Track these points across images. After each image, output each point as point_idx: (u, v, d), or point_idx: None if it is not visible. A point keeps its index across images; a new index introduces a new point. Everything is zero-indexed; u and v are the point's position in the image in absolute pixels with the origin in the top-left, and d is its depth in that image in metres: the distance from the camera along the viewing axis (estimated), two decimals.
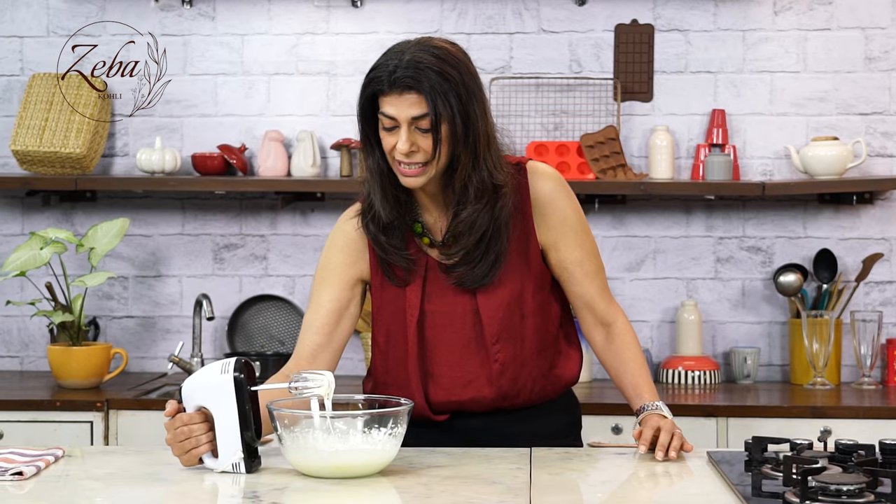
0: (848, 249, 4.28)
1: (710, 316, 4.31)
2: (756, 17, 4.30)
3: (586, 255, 2.60)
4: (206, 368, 2.34)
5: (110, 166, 4.42)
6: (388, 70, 2.41)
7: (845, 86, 4.28)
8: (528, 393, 2.58)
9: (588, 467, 2.40)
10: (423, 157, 2.42)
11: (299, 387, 2.30)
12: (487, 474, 2.27)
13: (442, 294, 2.55)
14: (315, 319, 2.59)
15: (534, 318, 2.56)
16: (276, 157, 4.28)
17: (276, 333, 4.40)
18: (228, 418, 2.29)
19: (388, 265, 2.56)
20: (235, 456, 2.29)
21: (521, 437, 2.57)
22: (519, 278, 2.54)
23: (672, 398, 3.95)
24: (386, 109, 2.42)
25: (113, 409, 3.79)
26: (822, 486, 1.99)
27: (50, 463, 2.36)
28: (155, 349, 4.42)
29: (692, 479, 2.27)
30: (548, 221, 2.56)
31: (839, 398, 3.93)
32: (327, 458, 2.22)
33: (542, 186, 2.56)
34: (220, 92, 4.41)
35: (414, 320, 2.54)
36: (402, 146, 2.41)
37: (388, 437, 2.24)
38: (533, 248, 2.55)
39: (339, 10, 4.38)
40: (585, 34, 4.33)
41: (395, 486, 2.19)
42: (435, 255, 2.56)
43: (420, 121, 2.40)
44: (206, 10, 4.40)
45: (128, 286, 4.43)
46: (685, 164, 4.31)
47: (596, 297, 2.62)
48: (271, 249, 4.41)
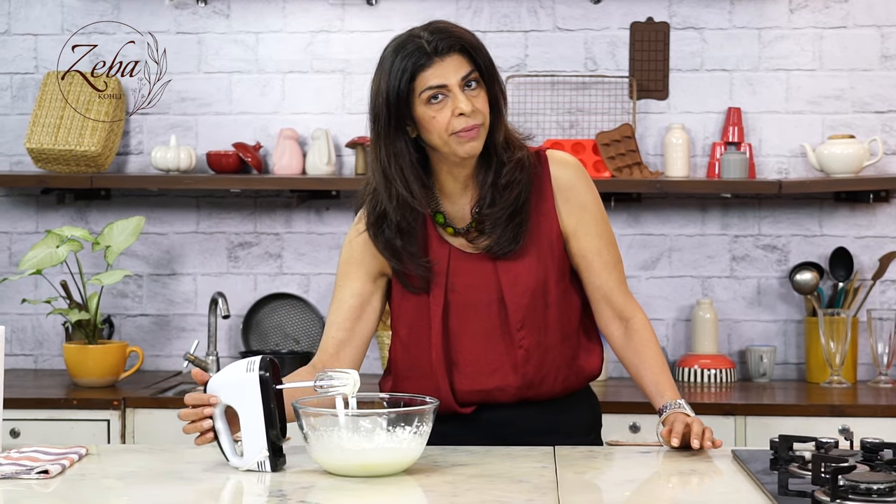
0: (864, 248, 4.28)
1: (726, 314, 4.31)
2: (772, 14, 4.29)
3: (605, 245, 2.59)
4: (231, 366, 2.33)
5: (124, 164, 4.42)
6: (421, 44, 2.42)
7: (861, 84, 4.27)
8: (552, 382, 2.56)
9: (613, 466, 2.39)
10: (480, 116, 2.43)
11: (324, 385, 2.30)
12: (513, 473, 2.26)
13: (466, 282, 2.53)
14: (337, 316, 2.59)
15: (557, 307, 2.55)
16: (291, 155, 4.27)
17: (290, 332, 4.39)
18: (254, 416, 2.28)
19: (405, 275, 2.55)
20: (261, 454, 2.28)
21: (544, 431, 2.56)
22: (543, 266, 2.53)
23: (689, 396, 3.94)
24: (433, 81, 2.41)
25: (130, 407, 3.79)
26: (852, 485, 1.98)
27: (74, 461, 2.35)
28: (169, 347, 4.42)
29: (719, 478, 2.26)
30: (569, 207, 2.55)
31: (857, 396, 3.92)
32: (354, 457, 2.21)
33: (563, 173, 2.56)
34: (234, 90, 4.40)
35: (439, 310, 2.53)
36: (465, 105, 2.41)
37: (413, 435, 2.24)
38: (555, 234, 2.54)
39: (354, 7, 4.38)
40: (601, 32, 4.33)
41: (422, 485, 2.19)
42: (458, 244, 2.55)
43: (469, 76, 2.42)
44: (221, 8, 4.40)
45: (142, 284, 4.43)
46: (701, 162, 4.31)
47: (614, 289, 2.59)
48: (286, 248, 4.41)
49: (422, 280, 2.54)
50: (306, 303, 4.37)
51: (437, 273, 2.54)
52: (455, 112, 2.41)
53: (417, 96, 2.42)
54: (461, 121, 2.42)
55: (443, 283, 2.53)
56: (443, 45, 2.41)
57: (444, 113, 2.41)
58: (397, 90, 2.42)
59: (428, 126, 2.43)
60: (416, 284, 2.55)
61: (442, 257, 2.54)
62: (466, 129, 2.42)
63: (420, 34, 2.44)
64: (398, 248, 2.52)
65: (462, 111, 2.41)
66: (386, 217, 2.51)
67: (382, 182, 2.49)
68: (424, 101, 2.42)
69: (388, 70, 2.44)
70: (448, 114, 2.41)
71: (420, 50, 2.41)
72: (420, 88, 2.41)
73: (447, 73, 2.41)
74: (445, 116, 2.41)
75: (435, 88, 2.41)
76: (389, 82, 2.43)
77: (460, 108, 2.41)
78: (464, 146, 2.44)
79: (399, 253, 2.53)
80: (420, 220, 2.53)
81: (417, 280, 2.54)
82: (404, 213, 2.50)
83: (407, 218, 2.51)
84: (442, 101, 2.41)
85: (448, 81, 2.41)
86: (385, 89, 2.44)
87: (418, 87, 2.41)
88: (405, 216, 2.50)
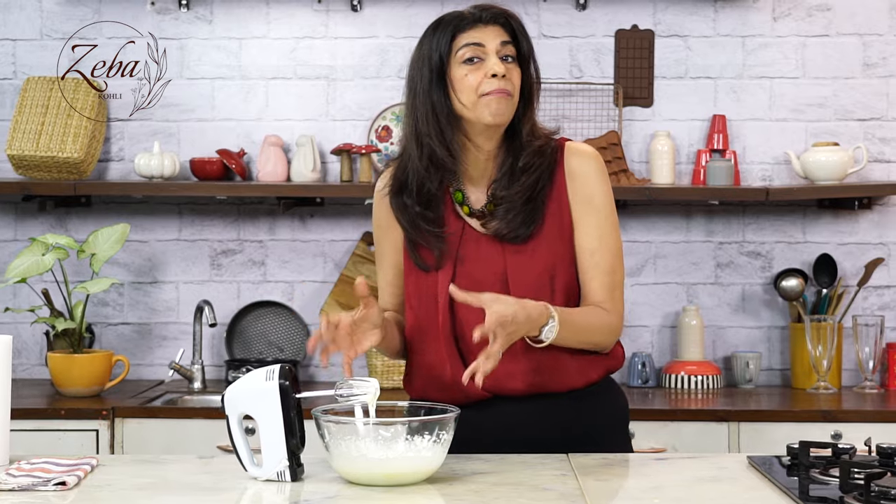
0: (847, 254, 4.31)
1: (711, 321, 4.32)
2: (755, 23, 4.32)
3: (600, 248, 2.51)
4: (249, 375, 2.31)
5: (105, 171, 4.37)
6: (464, 13, 2.50)
7: (844, 92, 4.31)
8: (565, 371, 2.50)
9: (633, 473, 2.39)
10: (510, 85, 2.47)
11: (345, 394, 2.28)
12: (535, 481, 2.25)
13: (474, 259, 2.51)
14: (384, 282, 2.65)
15: (563, 294, 2.50)
16: (276, 162, 4.24)
17: (274, 340, 4.36)
18: (274, 426, 2.25)
19: (416, 250, 2.54)
20: (281, 464, 2.26)
21: (563, 425, 2.51)
22: (552, 252, 2.50)
23: (677, 403, 3.96)
24: (472, 39, 2.47)
25: (119, 417, 3.74)
26: (884, 491, 1.99)
27: (88, 472, 2.32)
28: (151, 356, 4.37)
29: (741, 484, 2.26)
30: (576, 197, 2.53)
31: (845, 402, 3.95)
32: (377, 466, 2.19)
33: (578, 161, 2.55)
34: (217, 96, 4.37)
35: (447, 283, 2.49)
36: (498, 67, 2.44)
37: (435, 444, 2.22)
38: (567, 222, 2.52)
39: (339, 14, 4.36)
40: (586, 39, 4.33)
41: (447, 494, 2.17)
42: (472, 223, 2.54)
43: (507, 47, 2.47)
44: (204, 13, 4.36)
45: (123, 292, 4.38)
46: (685, 169, 4.33)
47: (595, 294, 2.50)
48: (269, 255, 4.38)
49: (434, 253, 2.52)
50: (290, 310, 4.34)
51: (450, 245, 2.53)
52: (487, 73, 2.45)
53: (454, 55, 2.47)
54: (492, 82, 2.45)
55: (453, 257, 2.52)
56: (486, 14, 2.49)
57: (477, 74, 2.46)
58: (439, 50, 2.48)
59: (459, 85, 2.47)
60: (428, 261, 2.54)
61: (456, 231, 2.54)
62: (495, 91, 2.45)
63: (466, 9, 2.52)
64: (417, 216, 2.52)
65: (494, 72, 2.45)
66: (409, 184, 2.52)
67: (414, 143, 2.51)
68: (460, 59, 2.47)
69: (430, 35, 2.51)
70: (481, 76, 2.46)
71: (464, 15, 2.50)
72: (458, 46, 2.47)
73: (486, 36, 2.48)
74: (478, 77, 2.46)
75: (472, 46, 2.46)
76: (433, 45, 2.49)
77: (493, 70, 2.45)
78: (491, 108, 2.45)
79: (417, 222, 2.53)
80: (440, 193, 2.53)
81: (430, 255, 2.53)
82: (431, 177, 2.50)
83: (430, 184, 2.50)
84: (477, 63, 2.47)
85: (487, 42, 2.46)
86: (427, 52, 2.50)
87: (456, 45, 2.48)
88: (430, 180, 2.50)
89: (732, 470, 2.37)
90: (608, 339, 2.52)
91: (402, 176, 2.55)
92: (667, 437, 3.71)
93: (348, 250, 4.34)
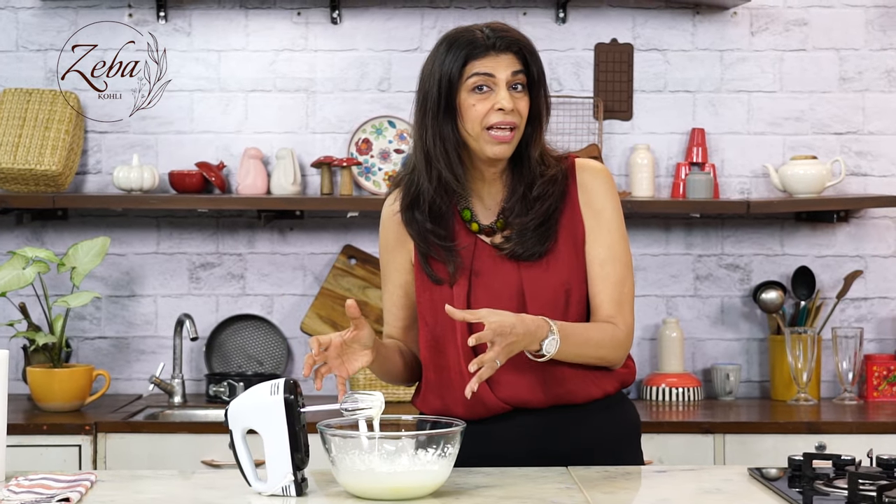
0: (824, 267, 4.35)
1: (690, 333, 4.35)
2: (733, 37, 4.35)
3: (610, 259, 2.53)
4: (253, 390, 2.29)
5: (83, 184, 4.33)
6: (480, 36, 2.47)
7: (820, 105, 4.35)
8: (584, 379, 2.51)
9: (637, 486, 2.39)
10: (517, 118, 2.46)
11: (350, 408, 2.27)
12: (540, 494, 2.25)
13: (489, 274, 2.52)
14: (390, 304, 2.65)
15: (578, 308, 2.51)
16: (256, 175, 4.22)
17: (253, 353, 4.33)
18: (279, 440, 2.24)
19: (429, 264, 2.53)
20: (286, 479, 2.24)
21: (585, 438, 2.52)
22: (567, 267, 2.51)
23: (659, 415, 3.97)
24: (483, 68, 2.45)
25: (101, 431, 3.70)
26: (894, 502, 2.01)
27: (88, 488, 2.29)
28: (129, 370, 4.33)
29: (746, 496, 2.27)
30: (588, 211, 2.54)
31: (826, 413, 3.98)
32: (384, 480, 2.18)
33: (588, 177, 2.56)
34: (196, 108, 4.34)
35: (462, 296, 2.50)
36: (506, 102, 2.44)
37: (440, 458, 2.22)
38: (581, 236, 2.53)
39: (318, 26, 4.35)
40: (565, 53, 4.35)
41: None
42: (485, 239, 2.54)
43: (517, 76, 2.46)
44: (182, 25, 4.34)
45: (101, 306, 4.34)
46: (665, 182, 4.35)
47: (605, 305, 2.51)
48: (249, 268, 4.35)
49: (447, 267, 2.52)
50: (270, 324, 4.32)
51: (464, 259, 2.53)
52: (495, 107, 2.45)
53: (464, 82, 2.46)
54: (498, 115, 2.45)
55: (467, 271, 2.52)
56: (501, 42, 2.47)
57: (485, 104, 2.46)
58: (449, 73, 2.46)
59: (466, 114, 2.47)
60: (442, 275, 2.53)
61: (468, 245, 2.54)
62: (500, 124, 2.45)
63: (482, 29, 2.50)
64: (428, 232, 2.53)
65: (501, 107, 2.45)
66: (420, 201, 2.53)
67: (423, 162, 2.51)
68: (469, 87, 2.46)
69: (443, 53, 2.48)
70: (488, 106, 2.46)
71: (477, 41, 2.47)
72: (468, 73, 2.46)
73: (498, 67, 2.46)
74: (484, 108, 2.46)
75: (482, 76, 2.45)
76: (444, 65, 2.47)
77: (500, 104, 2.45)
78: (493, 147, 2.47)
79: (428, 237, 2.53)
80: (451, 209, 2.54)
81: (443, 269, 2.53)
82: (441, 196, 2.51)
83: (440, 203, 2.51)
84: (486, 93, 2.46)
85: (497, 73, 2.45)
86: (438, 71, 2.48)
87: (467, 72, 2.46)
88: (440, 199, 2.51)
89: (735, 482, 2.37)
90: (615, 354, 2.52)
91: (412, 191, 2.55)
92: (653, 449, 3.72)
93: (328, 263, 4.33)
